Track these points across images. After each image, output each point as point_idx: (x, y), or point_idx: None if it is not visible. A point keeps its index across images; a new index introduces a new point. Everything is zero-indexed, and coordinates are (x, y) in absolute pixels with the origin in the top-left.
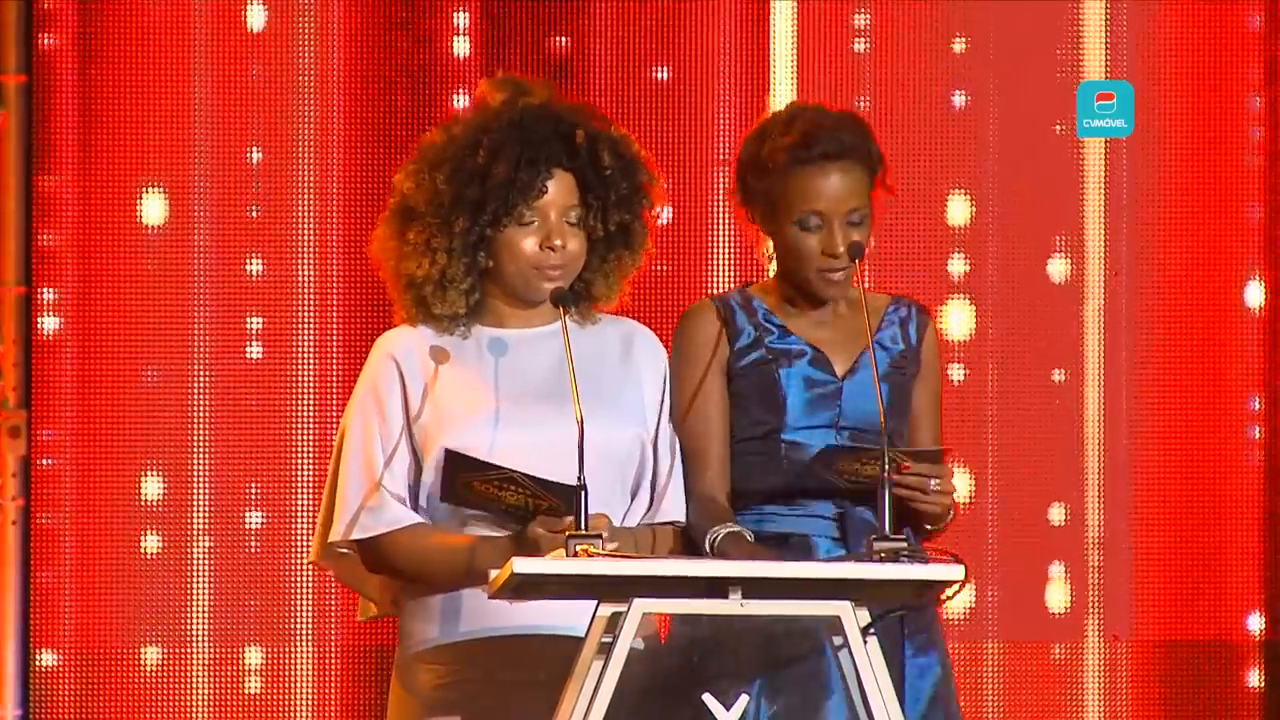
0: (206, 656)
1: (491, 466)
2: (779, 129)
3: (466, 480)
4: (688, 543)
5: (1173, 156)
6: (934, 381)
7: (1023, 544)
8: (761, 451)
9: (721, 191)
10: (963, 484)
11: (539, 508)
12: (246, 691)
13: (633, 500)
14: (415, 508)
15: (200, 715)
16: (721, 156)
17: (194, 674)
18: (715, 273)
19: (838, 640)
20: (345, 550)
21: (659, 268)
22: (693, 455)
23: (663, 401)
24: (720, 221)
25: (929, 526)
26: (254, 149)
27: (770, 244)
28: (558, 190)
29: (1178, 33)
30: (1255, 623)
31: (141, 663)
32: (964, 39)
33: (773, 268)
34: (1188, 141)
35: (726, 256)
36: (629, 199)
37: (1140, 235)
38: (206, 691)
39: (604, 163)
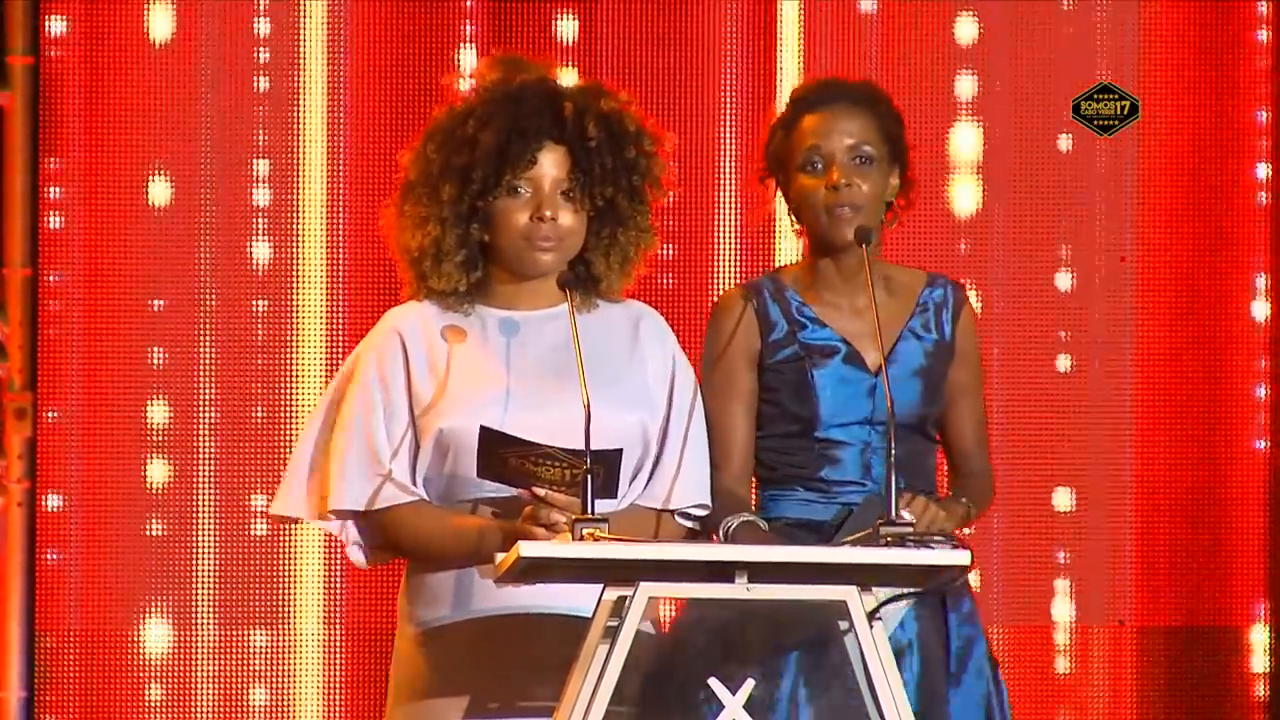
0: (211, 638)
1: (525, 442)
2: (793, 92)
3: (502, 456)
4: (705, 534)
5: (1179, 143)
6: (972, 363)
7: (1027, 530)
8: (794, 447)
9: (726, 176)
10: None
11: (575, 479)
12: (251, 672)
13: (632, 484)
14: (414, 485)
15: (205, 697)
16: (727, 141)
17: (199, 656)
18: (719, 258)
19: (843, 625)
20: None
21: (663, 253)
22: (718, 447)
23: (671, 385)
24: (725, 206)
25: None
26: (260, 132)
27: (794, 215)
28: (550, 163)
29: (1186, 17)
30: (1260, 609)
31: (146, 645)
32: (972, 22)
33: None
34: (1194, 128)
35: (730, 241)
36: (615, 173)
37: (1146, 222)
38: (211, 673)
39: (589, 134)
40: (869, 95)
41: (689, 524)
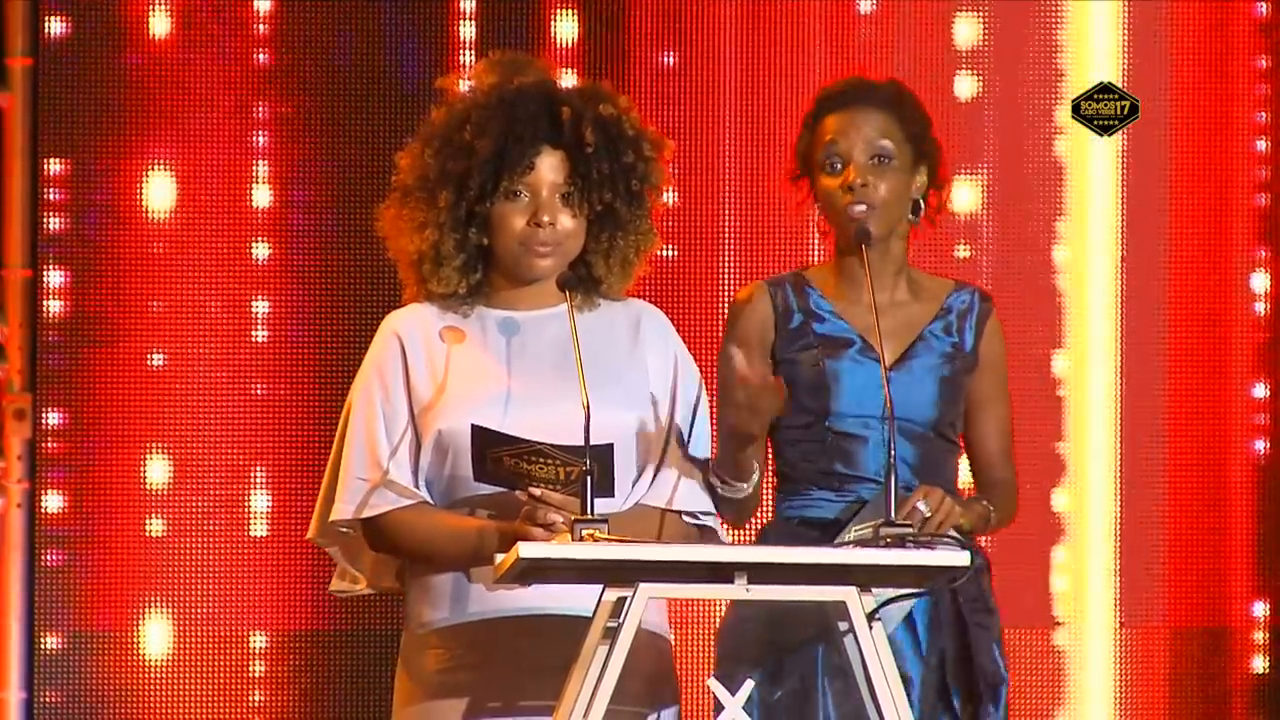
0: (211, 640)
1: (516, 440)
2: (819, 92)
3: (496, 455)
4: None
5: (1177, 143)
6: (996, 374)
7: (1026, 530)
8: (808, 439)
9: (727, 176)
10: (963, 471)
11: (570, 478)
12: (251, 675)
13: (634, 484)
14: (416, 487)
15: (205, 699)
16: (728, 141)
17: (199, 657)
18: (722, 257)
19: (843, 625)
20: (346, 530)
21: (666, 252)
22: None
23: (674, 384)
24: (727, 206)
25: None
26: (259, 133)
27: (819, 213)
28: (548, 167)
29: (1184, 18)
30: (1260, 609)
31: (146, 646)
32: (969, 24)
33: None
34: (1193, 128)
35: (733, 241)
36: (612, 179)
37: (1145, 222)
38: (211, 675)
39: (586, 140)
40: (891, 95)
41: (696, 523)
